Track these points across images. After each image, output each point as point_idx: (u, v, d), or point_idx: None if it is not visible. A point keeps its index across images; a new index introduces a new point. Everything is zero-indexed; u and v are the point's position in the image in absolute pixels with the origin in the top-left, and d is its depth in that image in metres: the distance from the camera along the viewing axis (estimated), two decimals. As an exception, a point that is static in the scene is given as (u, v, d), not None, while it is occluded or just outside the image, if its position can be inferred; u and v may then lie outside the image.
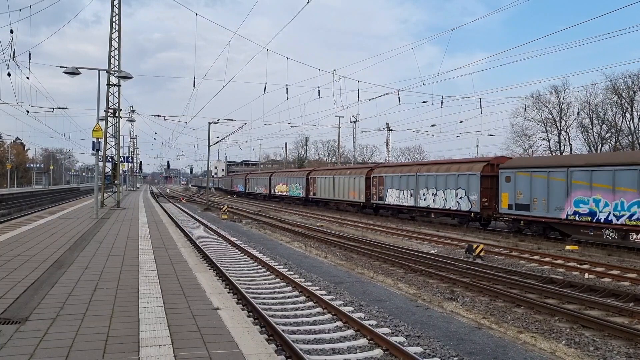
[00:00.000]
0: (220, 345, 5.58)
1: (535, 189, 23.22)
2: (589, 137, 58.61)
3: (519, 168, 24.62)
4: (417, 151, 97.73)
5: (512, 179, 24.51)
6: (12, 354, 5.15)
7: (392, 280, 14.03)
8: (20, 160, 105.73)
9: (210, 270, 12.46)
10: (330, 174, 45.44)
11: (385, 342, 7.76)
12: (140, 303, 7.34)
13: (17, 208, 41.89)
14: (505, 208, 24.89)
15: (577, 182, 21.48)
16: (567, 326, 9.64)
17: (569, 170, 21.84)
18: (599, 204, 20.53)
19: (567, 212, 21.68)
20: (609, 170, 20.15)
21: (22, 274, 9.33)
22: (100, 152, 25.34)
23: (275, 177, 61.40)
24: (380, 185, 35.94)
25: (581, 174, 21.36)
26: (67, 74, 22.15)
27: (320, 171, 49.66)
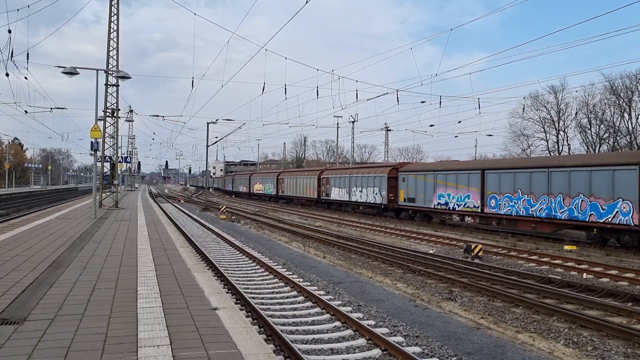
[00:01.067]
0: (218, 346, 5.58)
1: (418, 187, 31.70)
2: (587, 137, 58.73)
3: (409, 172, 32.88)
4: (415, 151, 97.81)
5: (406, 180, 32.87)
6: (11, 355, 5.14)
7: (390, 280, 14.04)
8: (18, 160, 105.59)
9: (208, 270, 12.45)
10: (293, 175, 54.27)
11: (383, 342, 7.76)
12: (139, 303, 7.34)
13: (16, 208, 41.84)
14: (402, 201, 33.51)
15: (439, 182, 29.89)
16: (566, 326, 9.65)
17: (435, 173, 30.32)
18: (450, 197, 29.02)
19: (434, 203, 30.24)
20: (454, 174, 28.82)
21: (20, 274, 9.32)
22: (98, 152, 25.31)
23: (254, 178, 71.70)
24: (327, 184, 44.34)
25: (441, 176, 29.87)
26: (65, 74, 22.13)
27: (287, 173, 59.11)
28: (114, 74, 28.77)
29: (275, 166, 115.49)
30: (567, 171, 22.19)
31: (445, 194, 29.27)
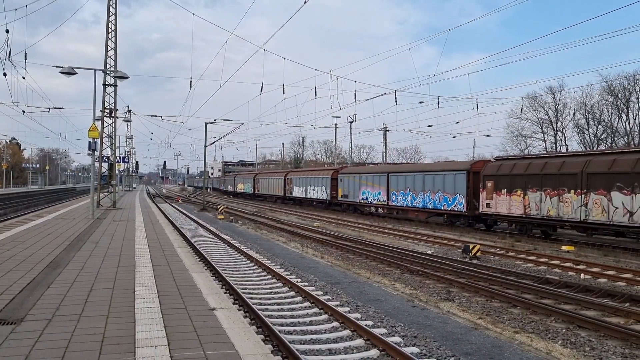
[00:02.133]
0: (216, 346, 5.57)
1: (350, 186, 40.45)
2: (585, 138, 58.87)
3: (344, 174, 41.96)
4: (413, 151, 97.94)
5: (342, 181, 41.70)
6: (8, 355, 5.13)
7: (388, 280, 14.04)
8: (16, 161, 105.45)
9: (206, 270, 12.46)
10: (266, 176, 63.98)
11: (381, 343, 7.76)
12: (137, 304, 7.33)
13: (13, 208, 41.78)
14: (340, 197, 42.18)
15: (362, 182, 38.42)
16: (563, 326, 9.66)
17: (360, 175, 39.26)
18: (369, 194, 37.40)
19: (359, 198, 38.94)
20: (371, 176, 37.59)
21: (17, 274, 9.30)
22: (96, 152, 25.28)
23: (237, 178, 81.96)
24: (291, 184, 52.83)
25: (363, 178, 38.54)
26: (63, 73, 22.10)
27: (261, 174, 69.17)
28: (112, 74, 28.75)
29: (273, 166, 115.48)
30: (432, 174, 30.41)
31: (366, 191, 38.09)
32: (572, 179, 21.07)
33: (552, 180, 22.01)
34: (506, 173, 24.47)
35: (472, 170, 27.49)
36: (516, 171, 24.00)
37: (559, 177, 21.70)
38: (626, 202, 18.82)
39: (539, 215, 22.68)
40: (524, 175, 23.43)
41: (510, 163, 25.06)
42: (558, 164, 22.19)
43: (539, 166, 22.99)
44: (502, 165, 25.26)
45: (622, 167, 19.10)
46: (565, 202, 21.41)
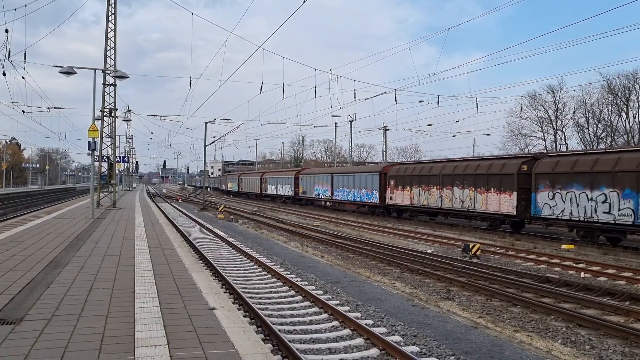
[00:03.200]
0: (216, 345, 5.57)
1: (307, 185, 48.97)
2: (584, 137, 58.86)
3: (304, 174, 50.79)
4: (413, 150, 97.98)
5: (302, 180, 50.37)
6: (7, 355, 5.13)
7: (388, 279, 14.04)
8: (15, 160, 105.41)
9: (206, 270, 12.45)
10: (248, 176, 74.67)
11: (381, 342, 7.75)
12: (136, 303, 7.32)
13: (13, 208, 41.76)
14: (301, 194, 50.57)
15: (316, 181, 46.82)
16: (563, 325, 9.66)
17: (314, 176, 47.86)
18: (320, 190, 45.81)
19: (314, 194, 47.15)
20: (321, 176, 46.24)
21: (17, 274, 9.30)
22: (96, 152, 25.27)
23: (228, 178, 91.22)
24: (266, 183, 61.83)
25: (316, 177, 46.90)
26: (62, 73, 22.09)
27: (244, 174, 79.48)
28: (112, 73, 28.73)
29: (273, 166, 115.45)
30: (359, 175, 39.37)
31: (318, 188, 46.43)
32: (435, 178, 29.99)
33: (425, 180, 30.92)
34: (402, 174, 33.46)
35: (382, 172, 35.99)
36: (407, 173, 32.98)
37: (428, 177, 30.66)
38: (460, 194, 27.88)
39: (418, 204, 31.52)
40: (411, 176, 32.39)
41: (405, 167, 34.67)
42: (428, 168, 31.30)
43: (418, 169, 32.13)
44: (399, 169, 34.69)
45: (458, 171, 28.34)
46: (431, 195, 30.33)
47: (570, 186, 21.28)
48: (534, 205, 23.00)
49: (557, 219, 22.13)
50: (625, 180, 19.11)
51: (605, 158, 20.35)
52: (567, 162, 21.89)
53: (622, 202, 19.22)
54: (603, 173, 19.96)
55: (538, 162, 23.57)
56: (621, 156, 19.93)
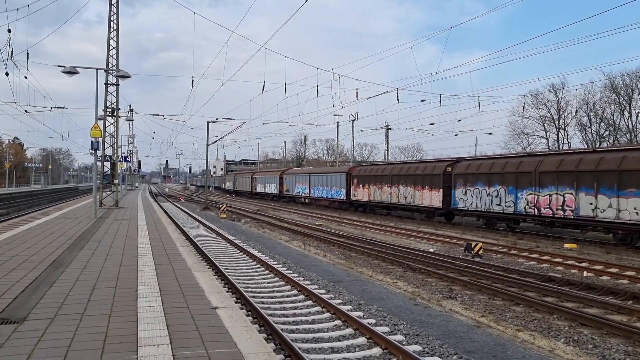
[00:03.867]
0: (218, 345, 5.57)
1: (290, 183, 54.60)
2: (587, 136, 58.73)
3: (287, 174, 56.65)
4: (415, 150, 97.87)
5: (285, 179, 56.38)
6: (10, 354, 5.14)
7: (390, 278, 14.04)
8: (18, 160, 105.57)
9: (209, 269, 12.45)
10: (241, 176, 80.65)
11: (384, 341, 7.76)
12: (139, 302, 7.34)
13: (16, 208, 41.84)
14: (285, 192, 56.54)
15: (297, 180, 51.97)
16: (566, 324, 9.65)
17: (295, 175, 53.42)
18: (300, 189, 51.32)
19: (294, 192, 53.15)
20: (301, 175, 51.63)
21: (20, 273, 9.32)
22: (98, 151, 25.30)
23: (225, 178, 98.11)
24: (256, 182, 68.18)
25: (297, 177, 52.78)
26: (65, 73, 22.12)
27: (238, 174, 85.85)
28: (114, 73, 28.76)
29: (275, 165, 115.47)
30: (330, 175, 44.95)
31: (298, 187, 52.04)
32: (387, 178, 35.45)
33: (379, 179, 36.36)
34: (363, 174, 38.83)
35: (348, 172, 41.62)
36: (367, 173, 38.46)
37: (382, 177, 36.10)
38: (404, 192, 33.40)
39: (374, 200, 37.11)
40: (369, 176, 37.98)
41: (365, 168, 40.64)
42: (382, 169, 36.95)
43: (375, 170, 37.85)
44: (361, 169, 40.41)
45: (403, 172, 33.96)
46: (383, 192, 35.80)
47: (476, 184, 26.80)
48: (453, 199, 28.54)
49: (467, 210, 27.58)
50: (509, 179, 24.77)
51: (499, 162, 26.10)
52: (475, 165, 27.39)
53: (507, 196, 24.86)
54: (495, 174, 25.61)
55: (456, 165, 28.87)
56: (508, 161, 25.69)
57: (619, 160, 19.87)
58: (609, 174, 19.93)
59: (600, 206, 20.28)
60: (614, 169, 19.80)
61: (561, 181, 22.01)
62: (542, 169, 23.13)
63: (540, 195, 22.95)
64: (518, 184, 24.17)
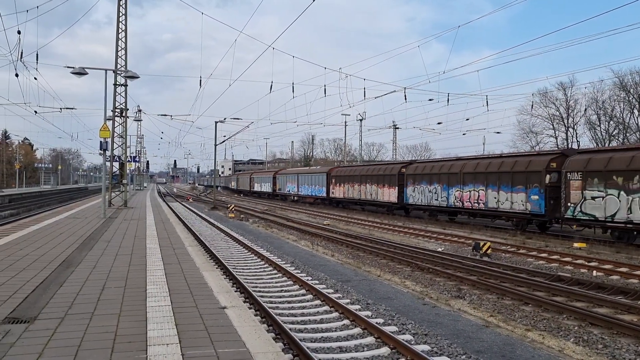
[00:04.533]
0: (227, 344, 5.59)
1: (282, 183, 60.46)
2: (596, 134, 58.34)
3: (279, 174, 62.63)
4: (423, 149, 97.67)
5: (278, 179, 62.26)
6: (21, 353, 5.18)
7: (399, 278, 14.02)
8: (28, 160, 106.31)
9: (217, 269, 12.49)
10: (243, 176, 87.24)
11: (392, 340, 7.75)
12: (148, 302, 7.37)
13: (26, 208, 42.14)
14: (278, 190, 62.38)
15: (288, 180, 58.19)
16: (576, 324, 9.60)
17: (286, 176, 59.64)
18: (290, 187, 57.30)
19: (286, 190, 58.98)
20: (291, 175, 58.04)
21: (30, 273, 9.40)
22: (107, 151, 25.44)
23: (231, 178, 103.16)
24: (254, 181, 75.27)
25: (288, 177, 58.92)
26: (74, 74, 22.26)
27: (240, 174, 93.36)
28: (122, 73, 28.91)
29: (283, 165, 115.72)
30: (315, 175, 50.65)
31: (289, 186, 58.26)
32: (357, 178, 40.84)
33: (352, 179, 41.82)
34: (340, 174, 44.75)
35: (329, 172, 47.17)
36: (343, 173, 44.26)
37: (353, 177, 41.66)
38: (370, 189, 38.84)
39: (348, 197, 42.71)
40: (344, 176, 43.63)
41: (342, 169, 46.70)
42: (354, 170, 42.92)
43: (349, 171, 43.75)
44: (338, 170, 46.63)
45: (369, 172, 39.33)
46: (354, 190, 41.25)
47: (421, 183, 32.25)
48: (405, 196, 34.11)
49: (415, 205, 33.20)
50: (444, 179, 30.07)
51: (438, 165, 31.87)
52: (421, 167, 33.56)
53: (442, 192, 30.09)
54: (434, 174, 31.01)
55: (408, 167, 34.92)
56: (444, 164, 31.29)
57: (512, 164, 25.38)
58: (506, 175, 25.38)
59: (501, 200, 25.67)
60: (509, 170, 25.18)
61: (477, 180, 27.41)
62: (465, 170, 28.36)
63: (463, 191, 28.33)
64: (449, 182, 29.48)
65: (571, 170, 21.77)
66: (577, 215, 21.33)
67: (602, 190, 20.23)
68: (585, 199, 20.91)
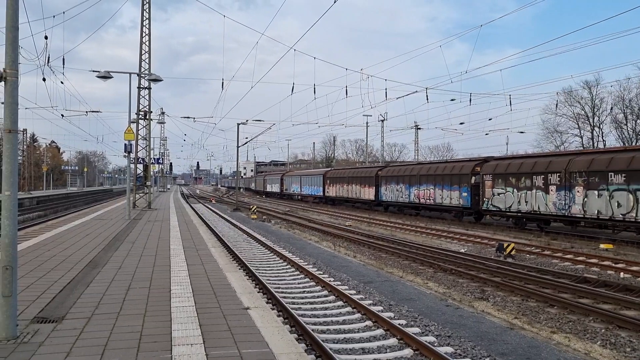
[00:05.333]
0: (250, 345, 5.64)
1: (288, 183, 67.52)
2: (623, 133, 57.18)
3: (287, 176, 69.24)
4: (445, 149, 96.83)
5: (285, 180, 68.68)
6: (51, 352, 5.30)
7: (421, 279, 13.95)
8: (55, 163, 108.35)
9: (240, 270, 12.58)
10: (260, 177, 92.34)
11: (415, 342, 7.72)
12: (172, 302, 7.47)
13: (53, 210, 42.97)
14: (285, 191, 68.42)
15: (293, 181, 65.11)
16: (602, 326, 9.43)
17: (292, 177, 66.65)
18: (295, 188, 64.03)
19: (291, 191, 65.68)
20: (294, 177, 65.75)
21: (58, 273, 9.59)
22: (132, 154, 25.80)
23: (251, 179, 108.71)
24: (266, 183, 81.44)
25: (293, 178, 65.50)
26: (100, 78, 22.64)
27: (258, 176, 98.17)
28: (146, 77, 29.29)
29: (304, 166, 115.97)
30: (314, 176, 56.59)
31: (294, 186, 64.23)
32: (346, 179, 46.81)
33: (341, 180, 48.19)
34: (333, 176, 51.05)
35: (324, 175, 53.61)
36: (335, 175, 50.99)
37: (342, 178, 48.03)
38: (355, 189, 44.93)
39: (339, 195, 48.83)
40: (336, 177, 49.97)
41: (335, 171, 53.36)
42: (344, 172, 49.57)
43: (340, 173, 50.15)
44: (333, 172, 53.05)
45: (355, 174, 45.60)
46: (343, 189, 47.43)
47: (392, 183, 38.57)
48: (380, 194, 40.35)
49: (387, 201, 39.56)
50: (406, 180, 36.27)
51: (403, 168, 38.57)
52: (392, 170, 39.78)
53: (405, 191, 36.45)
54: (400, 176, 37.30)
55: (383, 169, 41.28)
56: (407, 167, 38.23)
57: (451, 168, 31.89)
58: (448, 177, 31.64)
59: (444, 196, 31.79)
60: (449, 173, 31.60)
61: (429, 181, 33.61)
62: (421, 173, 34.77)
63: (420, 190, 34.62)
64: (411, 182, 35.70)
65: (485, 173, 28.02)
66: (489, 207, 27.63)
67: (504, 188, 26.49)
68: (494, 195, 27.12)
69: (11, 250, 5.79)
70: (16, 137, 6.00)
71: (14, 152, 5.89)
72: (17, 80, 5.88)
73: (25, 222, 28.42)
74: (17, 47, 5.87)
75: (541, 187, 24.20)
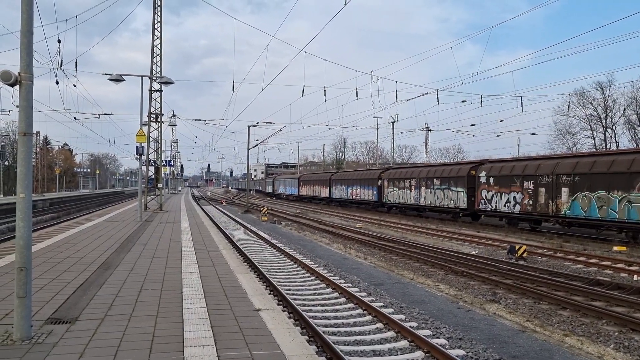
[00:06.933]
0: (262, 346, 5.66)
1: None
2: (636, 134, 56.65)
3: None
4: (456, 151, 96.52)
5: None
6: (64, 353, 5.35)
7: (432, 281, 13.91)
8: (68, 165, 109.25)
9: (251, 272, 12.61)
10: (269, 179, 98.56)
11: (426, 345, 7.70)
12: (184, 304, 7.51)
13: (66, 211, 43.34)
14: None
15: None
16: (616, 329, 9.35)
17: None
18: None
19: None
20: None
21: (71, 275, 9.67)
22: (143, 156, 25.97)
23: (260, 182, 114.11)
24: (276, 184, 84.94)
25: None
26: (112, 80, 22.82)
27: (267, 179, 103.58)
28: (157, 79, 29.49)
29: (315, 168, 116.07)
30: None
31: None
32: (349, 181, 49.75)
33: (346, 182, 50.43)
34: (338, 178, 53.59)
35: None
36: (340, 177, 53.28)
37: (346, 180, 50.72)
38: (358, 190, 47.62)
39: (343, 197, 51.80)
40: (342, 180, 52.06)
41: (340, 174, 56.31)
42: (349, 175, 52.09)
43: (346, 175, 53.04)
44: (338, 175, 55.77)
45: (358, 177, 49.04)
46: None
47: (394, 185, 40.23)
48: (384, 195, 42.18)
49: (391, 202, 41.13)
50: (407, 182, 38.32)
51: (405, 170, 40.59)
52: (395, 172, 41.43)
53: (407, 193, 38.23)
54: (402, 179, 38.97)
55: (384, 172, 43.28)
56: (414, 170, 38.99)
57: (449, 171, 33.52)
58: (445, 179, 33.25)
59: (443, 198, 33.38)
60: (447, 176, 33.06)
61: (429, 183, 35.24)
62: (421, 176, 36.34)
63: (420, 191, 36.48)
64: (412, 185, 37.85)
65: (480, 175, 29.47)
66: (484, 208, 29.21)
67: (497, 189, 28.01)
68: (487, 196, 28.74)
69: (26, 252, 5.85)
70: (30, 140, 6.06)
71: (28, 155, 5.96)
72: (32, 84, 5.95)
73: (39, 224, 28.70)
74: (31, 52, 5.94)
75: (531, 189, 25.41)
